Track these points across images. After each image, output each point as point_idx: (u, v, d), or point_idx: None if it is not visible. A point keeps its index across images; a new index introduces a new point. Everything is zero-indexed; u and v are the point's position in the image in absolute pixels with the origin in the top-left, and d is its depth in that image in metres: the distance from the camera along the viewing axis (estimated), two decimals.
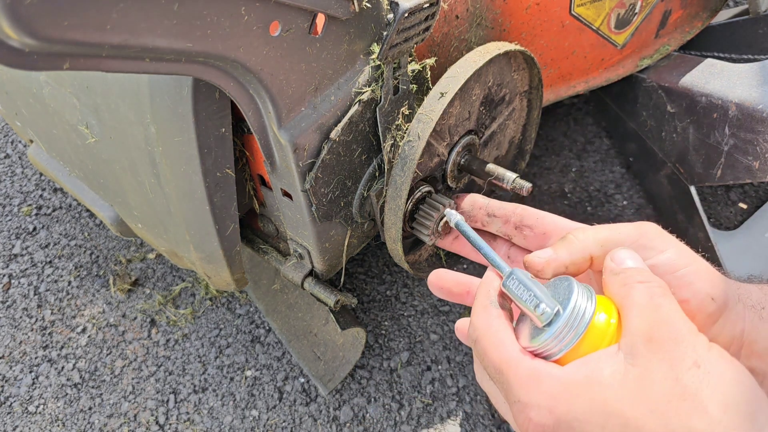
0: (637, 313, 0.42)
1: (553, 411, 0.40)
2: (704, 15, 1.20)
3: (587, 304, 0.43)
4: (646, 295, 0.42)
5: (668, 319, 0.41)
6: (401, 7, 0.62)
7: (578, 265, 0.53)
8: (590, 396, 0.40)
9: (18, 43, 0.35)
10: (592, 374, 0.40)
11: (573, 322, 0.43)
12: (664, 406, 0.37)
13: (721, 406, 0.37)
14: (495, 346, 0.45)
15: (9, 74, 0.90)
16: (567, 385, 0.41)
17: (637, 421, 0.37)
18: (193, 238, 0.80)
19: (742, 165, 1.02)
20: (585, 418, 0.39)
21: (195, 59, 0.48)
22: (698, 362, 0.39)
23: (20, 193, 1.68)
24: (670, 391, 0.38)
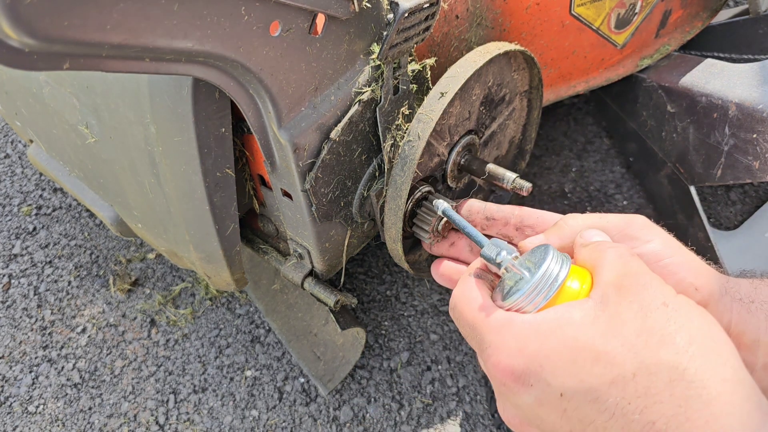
0: (608, 267, 0.43)
1: (523, 351, 0.41)
2: (704, 15, 1.20)
3: (561, 268, 0.45)
4: (616, 254, 0.44)
5: (637, 270, 0.42)
6: (401, 7, 0.62)
7: (567, 250, 0.55)
8: (561, 334, 0.40)
9: (18, 43, 0.35)
10: (562, 316, 0.41)
11: (545, 283, 0.44)
12: (634, 339, 0.38)
13: (687, 338, 0.38)
14: (468, 305, 0.47)
15: (9, 74, 0.90)
16: (537, 325, 0.42)
17: (608, 354, 0.38)
18: (193, 238, 0.80)
19: (742, 165, 1.02)
20: (555, 355, 0.40)
21: (195, 59, 0.48)
22: (666, 302, 0.40)
23: (20, 193, 1.68)
24: (639, 326, 0.39)
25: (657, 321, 0.39)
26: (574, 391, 0.38)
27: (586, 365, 0.38)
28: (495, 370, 0.42)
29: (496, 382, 0.43)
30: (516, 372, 0.41)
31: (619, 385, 0.37)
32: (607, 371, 0.37)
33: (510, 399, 0.43)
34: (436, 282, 1.42)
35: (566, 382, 0.39)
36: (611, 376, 0.37)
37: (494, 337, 0.43)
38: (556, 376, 0.39)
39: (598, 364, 0.38)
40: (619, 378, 0.37)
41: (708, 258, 0.50)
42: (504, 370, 0.42)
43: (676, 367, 0.36)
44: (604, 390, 0.37)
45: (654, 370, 0.36)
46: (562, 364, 0.39)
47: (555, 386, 0.39)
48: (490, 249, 0.50)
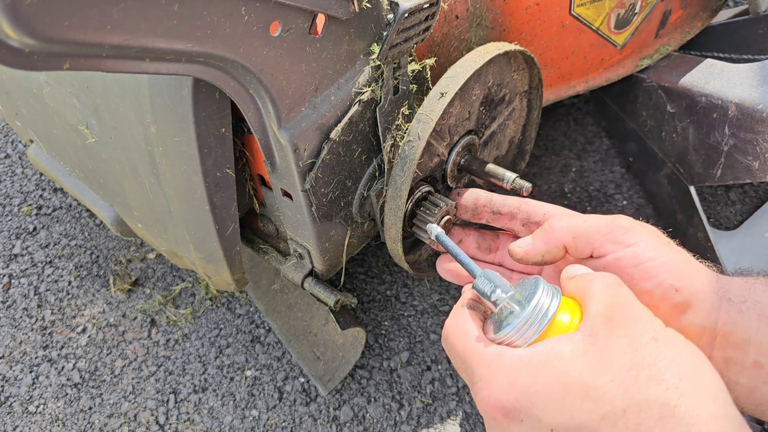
0: (597, 299, 0.43)
1: (513, 386, 0.41)
2: (704, 15, 1.20)
3: (551, 302, 0.45)
4: (603, 285, 0.44)
5: (626, 302, 0.42)
6: (401, 8, 0.62)
7: (553, 254, 0.56)
8: (551, 369, 0.40)
9: (18, 43, 0.35)
10: (551, 350, 0.41)
11: (535, 317, 0.44)
12: (624, 374, 0.38)
13: (677, 374, 0.38)
14: (460, 336, 0.47)
15: (9, 74, 0.90)
16: (527, 360, 0.42)
17: (598, 390, 0.38)
18: (193, 238, 0.80)
19: (742, 165, 1.02)
20: (545, 391, 0.40)
21: (195, 59, 0.48)
22: (656, 337, 0.40)
23: (20, 193, 1.68)
24: (629, 361, 0.39)
25: (646, 356, 0.39)
26: (565, 427, 0.38)
27: (577, 401, 0.38)
28: (485, 404, 0.42)
29: (486, 416, 0.43)
30: (506, 407, 0.41)
31: (609, 422, 0.37)
32: (598, 407, 0.38)
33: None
34: (437, 281, 1.43)
35: (557, 418, 0.39)
36: (602, 412, 0.37)
37: (485, 371, 0.43)
38: (547, 412, 0.39)
39: (589, 400, 0.38)
40: (609, 414, 0.37)
41: (708, 258, 0.50)
42: (494, 405, 0.42)
43: (666, 403, 0.36)
44: (595, 426, 0.37)
45: (644, 407, 0.37)
46: (552, 400, 0.39)
47: (545, 422, 0.39)
48: (483, 283, 0.49)
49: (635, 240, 0.50)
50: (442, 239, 0.61)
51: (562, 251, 0.56)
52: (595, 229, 0.52)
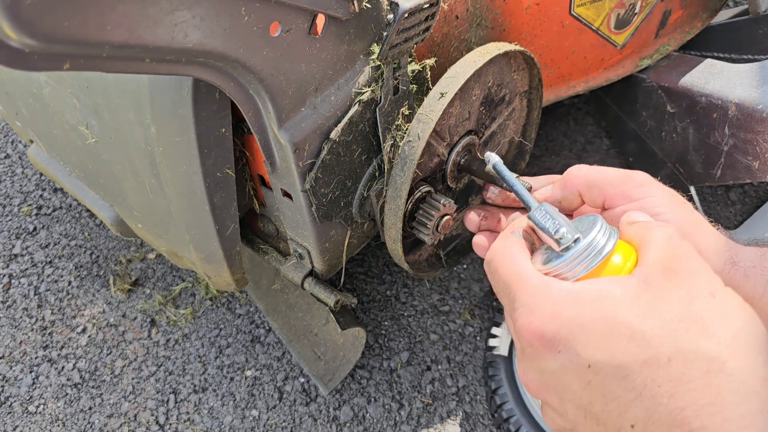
0: (655, 247, 0.42)
1: (557, 316, 0.40)
2: (704, 15, 1.20)
3: (607, 241, 0.44)
4: (666, 235, 0.43)
5: (686, 255, 0.41)
6: (401, 8, 0.62)
7: (569, 200, 0.57)
8: (599, 306, 0.39)
9: (18, 43, 0.35)
10: (602, 289, 0.40)
11: (589, 253, 0.43)
12: (675, 324, 0.37)
13: (730, 333, 0.37)
14: (506, 262, 0.46)
15: (9, 74, 0.90)
16: (576, 294, 0.41)
17: (645, 334, 0.37)
18: (193, 238, 0.80)
19: (741, 165, 1.02)
20: (589, 326, 0.39)
21: (195, 60, 0.48)
22: (714, 293, 0.39)
23: (20, 193, 1.68)
24: (682, 312, 0.37)
25: (702, 310, 0.38)
26: (604, 365, 0.37)
27: (621, 341, 0.37)
28: (524, 330, 0.42)
29: (523, 342, 0.42)
30: (546, 336, 0.40)
31: (652, 367, 0.36)
32: (642, 351, 0.37)
33: (534, 362, 0.42)
34: (437, 281, 1.43)
35: (596, 355, 0.38)
36: (645, 356, 0.36)
37: (529, 298, 0.42)
38: (587, 347, 0.38)
39: (633, 342, 0.37)
40: (653, 359, 0.36)
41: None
42: (534, 332, 0.41)
43: (717, 358, 0.35)
44: (636, 369, 0.36)
45: (691, 358, 0.36)
46: (595, 336, 0.38)
47: (584, 357, 0.38)
48: (541, 214, 0.48)
49: (645, 195, 0.50)
50: (499, 168, 0.60)
51: (578, 199, 0.56)
52: (609, 180, 0.52)
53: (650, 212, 0.49)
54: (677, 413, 0.35)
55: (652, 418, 0.35)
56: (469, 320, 1.38)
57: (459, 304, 1.41)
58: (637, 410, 0.36)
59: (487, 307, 1.40)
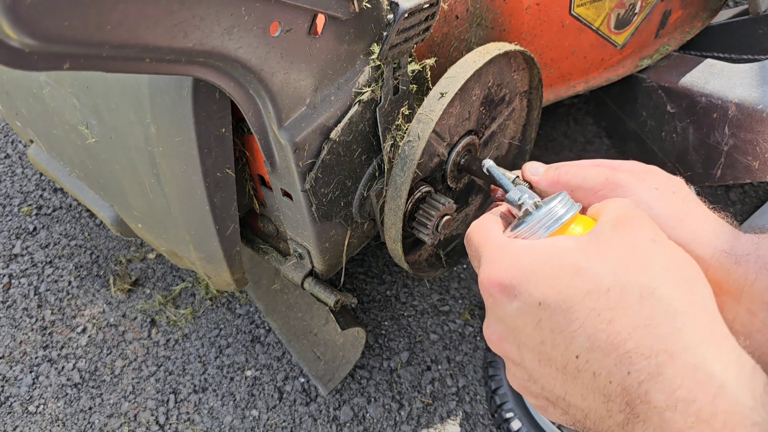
0: (608, 211, 0.46)
1: (513, 265, 0.44)
2: (704, 15, 1.20)
3: (566, 211, 0.49)
4: (620, 202, 0.47)
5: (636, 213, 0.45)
6: (401, 8, 0.62)
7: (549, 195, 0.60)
8: (550, 253, 0.43)
9: (18, 43, 0.35)
10: (556, 241, 0.45)
11: (548, 219, 0.48)
12: (615, 261, 0.41)
13: (664, 267, 0.40)
14: (479, 231, 0.51)
15: (9, 74, 0.90)
16: (531, 246, 0.45)
17: (588, 271, 0.40)
18: (193, 238, 0.80)
19: (742, 165, 1.02)
20: (540, 269, 0.42)
21: (195, 59, 0.48)
22: (655, 239, 0.43)
23: (20, 193, 1.68)
24: (623, 253, 0.41)
25: (641, 252, 0.41)
26: (551, 300, 0.41)
27: (566, 278, 0.41)
28: (486, 281, 0.45)
29: (486, 294, 0.46)
30: (503, 283, 0.44)
31: (593, 296, 0.39)
32: (584, 284, 0.40)
33: (495, 311, 0.46)
34: (437, 281, 1.43)
35: (546, 292, 0.41)
36: (587, 288, 0.40)
37: (491, 254, 0.47)
38: (538, 287, 0.41)
39: (577, 278, 0.40)
40: (594, 290, 0.39)
41: None
42: (493, 281, 0.44)
43: (647, 285, 0.39)
44: (578, 300, 0.39)
45: (627, 287, 0.39)
46: (545, 277, 0.42)
47: (535, 296, 0.41)
48: (514, 193, 0.54)
49: (623, 195, 0.53)
50: (492, 170, 0.67)
51: None
52: (590, 186, 0.56)
53: None
54: (614, 337, 0.38)
55: (594, 345, 0.38)
56: (469, 320, 1.38)
57: (459, 304, 1.41)
58: (580, 339, 0.39)
59: None
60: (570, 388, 0.41)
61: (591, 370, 0.38)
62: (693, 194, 0.56)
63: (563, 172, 0.60)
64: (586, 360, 0.39)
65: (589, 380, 0.39)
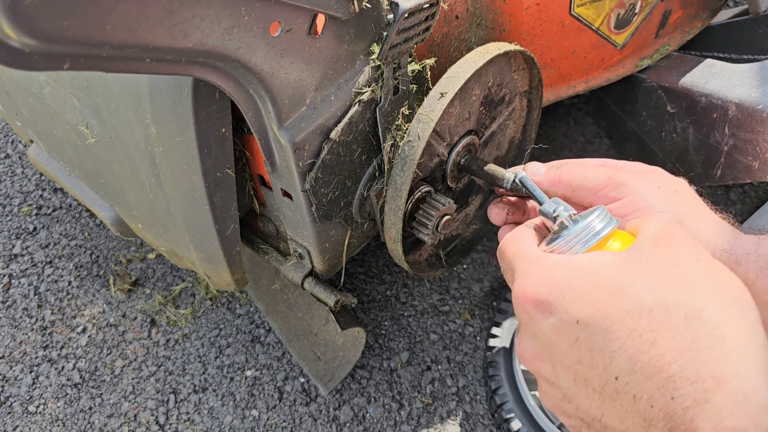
0: (648, 227, 0.44)
1: (549, 280, 0.42)
2: (704, 15, 1.20)
3: (605, 225, 0.47)
4: (660, 218, 0.45)
5: (678, 230, 0.43)
6: (401, 8, 0.62)
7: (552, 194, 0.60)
8: (588, 269, 0.42)
9: (18, 43, 0.35)
10: (594, 257, 0.43)
11: (586, 234, 0.47)
12: (657, 279, 0.39)
13: (710, 288, 0.38)
14: (513, 244, 0.49)
15: (9, 74, 0.90)
16: (568, 262, 0.43)
17: (629, 289, 0.39)
18: (193, 238, 0.80)
19: (742, 165, 1.02)
20: (578, 286, 0.41)
21: (195, 59, 0.48)
22: (699, 258, 0.41)
23: (20, 193, 1.68)
24: (666, 272, 0.39)
25: (685, 271, 0.39)
26: (589, 318, 0.39)
27: (605, 296, 0.39)
28: (520, 296, 0.44)
29: (519, 310, 0.44)
30: (539, 299, 0.42)
31: (634, 317, 0.38)
32: (625, 303, 0.38)
33: (529, 328, 0.44)
34: (437, 281, 1.43)
35: (584, 310, 0.39)
36: (628, 307, 0.38)
37: (526, 268, 0.45)
38: (575, 304, 0.40)
39: (617, 296, 0.39)
40: (635, 310, 0.38)
41: None
42: (528, 296, 0.43)
43: (694, 307, 0.37)
44: (619, 320, 0.38)
45: (671, 308, 0.37)
46: (582, 293, 0.40)
47: (572, 314, 0.40)
48: (549, 205, 0.53)
49: (625, 194, 0.53)
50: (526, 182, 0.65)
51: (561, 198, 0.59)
52: (593, 185, 0.56)
53: (632, 209, 0.52)
54: (657, 359, 0.36)
55: (635, 367, 0.37)
56: (469, 320, 1.38)
57: (459, 304, 1.41)
58: (620, 360, 0.37)
59: (487, 307, 1.40)
60: (607, 410, 0.39)
61: (631, 392, 0.37)
62: (695, 194, 0.56)
63: (565, 171, 0.59)
64: (626, 382, 0.37)
65: (629, 403, 0.37)
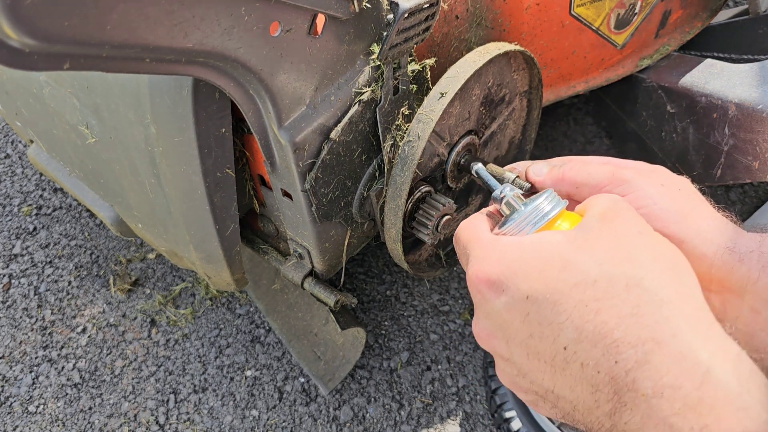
0: (595, 206, 0.46)
1: (501, 260, 0.44)
2: (704, 15, 1.20)
3: (552, 207, 0.49)
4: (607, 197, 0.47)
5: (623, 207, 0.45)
6: (401, 8, 0.62)
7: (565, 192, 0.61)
8: (537, 248, 0.43)
9: (18, 43, 0.35)
10: (544, 236, 0.45)
11: (535, 215, 0.48)
12: (601, 253, 0.41)
13: (650, 258, 0.41)
14: (467, 230, 0.51)
15: (9, 74, 0.90)
16: (519, 242, 0.45)
17: (575, 263, 0.41)
18: (193, 238, 0.80)
19: (741, 165, 1.02)
20: (528, 263, 0.42)
21: (195, 59, 0.48)
22: (642, 232, 0.43)
23: (20, 193, 1.68)
24: (610, 245, 0.41)
25: (628, 244, 0.42)
26: (539, 293, 0.41)
27: (554, 272, 0.41)
28: (474, 278, 0.45)
29: (474, 291, 0.46)
30: (491, 279, 0.44)
31: (580, 288, 0.39)
32: (572, 276, 0.40)
33: (483, 308, 0.46)
34: (437, 281, 1.43)
35: (533, 286, 0.41)
36: (574, 280, 0.40)
37: (480, 251, 0.47)
38: (526, 281, 0.42)
39: (565, 271, 0.40)
40: (581, 282, 0.40)
41: None
42: (481, 278, 0.44)
43: (634, 276, 0.39)
44: (566, 292, 0.40)
45: (614, 278, 0.39)
46: (532, 271, 0.42)
47: (523, 290, 0.42)
48: (500, 191, 0.55)
49: (630, 190, 0.54)
50: (481, 172, 0.67)
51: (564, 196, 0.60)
52: (596, 182, 0.56)
53: (635, 206, 0.53)
54: (601, 327, 0.38)
55: (581, 336, 0.38)
56: (469, 320, 1.38)
57: (459, 304, 1.41)
58: (568, 331, 0.39)
59: None
60: (558, 381, 0.41)
61: (579, 361, 0.39)
62: (698, 193, 0.56)
63: (568, 169, 0.60)
64: (573, 351, 0.39)
65: (577, 371, 0.39)
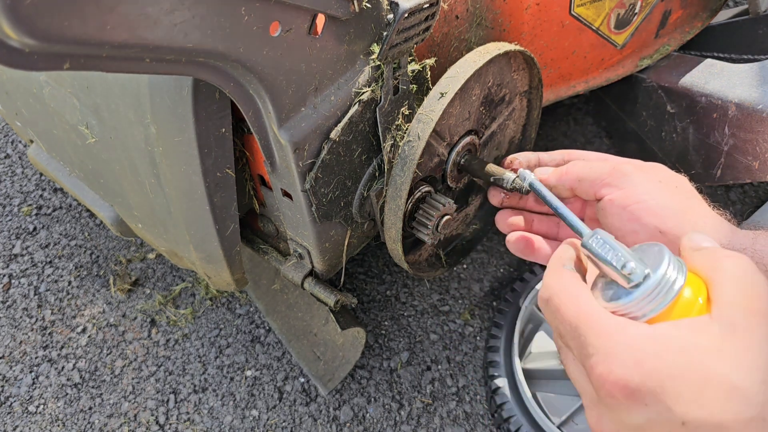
0: (732, 284, 0.39)
1: (641, 364, 0.37)
2: (704, 15, 1.20)
3: (678, 274, 0.41)
4: (738, 268, 0.40)
5: (766, 292, 0.39)
6: (401, 8, 0.62)
7: (559, 191, 0.62)
8: (687, 356, 0.36)
9: (18, 43, 0.35)
10: (685, 337, 0.37)
11: (662, 288, 0.40)
12: (766, 371, 0.35)
13: None
14: (570, 302, 0.43)
15: (9, 74, 0.90)
16: (657, 340, 0.37)
17: (745, 391, 0.34)
18: (193, 238, 0.80)
19: (741, 165, 1.02)
20: (680, 378, 0.36)
21: (195, 59, 0.48)
22: None
23: (20, 193, 1.68)
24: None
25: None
26: (701, 423, 0.35)
27: (719, 398, 0.35)
28: (605, 380, 0.39)
29: (603, 392, 0.39)
30: (630, 387, 0.37)
31: (757, 426, 0.34)
32: (743, 410, 0.34)
33: (614, 413, 0.39)
34: (437, 281, 1.43)
35: (692, 412, 0.35)
36: (748, 415, 0.34)
37: (603, 343, 0.39)
38: (680, 403, 0.36)
39: (733, 401, 0.35)
40: (757, 418, 0.34)
41: None
42: (616, 382, 0.38)
43: None
44: (739, 429, 0.34)
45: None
46: (688, 391, 0.36)
47: (676, 413, 0.36)
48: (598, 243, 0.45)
49: (629, 184, 0.53)
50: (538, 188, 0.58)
51: (568, 192, 0.61)
52: (597, 175, 0.56)
53: (633, 200, 0.52)
54: None
55: None
56: (469, 320, 1.38)
57: (459, 304, 1.41)
58: None
59: (487, 307, 1.40)
60: None
61: None
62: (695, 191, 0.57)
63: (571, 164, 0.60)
64: None
65: None
